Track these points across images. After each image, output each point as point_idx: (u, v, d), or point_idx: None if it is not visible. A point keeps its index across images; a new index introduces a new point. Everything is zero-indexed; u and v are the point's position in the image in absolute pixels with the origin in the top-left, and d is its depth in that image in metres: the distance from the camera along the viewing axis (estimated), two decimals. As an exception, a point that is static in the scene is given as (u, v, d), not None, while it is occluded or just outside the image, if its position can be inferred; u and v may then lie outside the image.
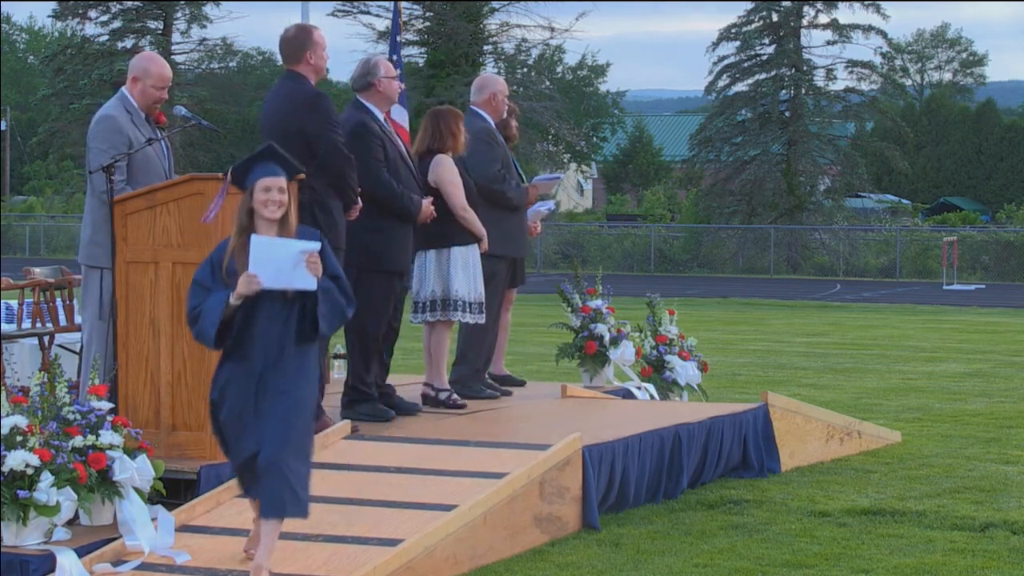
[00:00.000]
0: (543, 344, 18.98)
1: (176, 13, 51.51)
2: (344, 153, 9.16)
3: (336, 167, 9.12)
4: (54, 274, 11.10)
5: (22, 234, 52.95)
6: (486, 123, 11.00)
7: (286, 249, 6.79)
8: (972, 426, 13.12)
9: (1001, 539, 8.65)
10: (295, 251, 6.78)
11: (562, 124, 48.71)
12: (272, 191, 6.88)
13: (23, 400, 7.61)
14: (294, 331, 6.91)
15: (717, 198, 48.34)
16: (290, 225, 6.94)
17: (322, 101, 9.17)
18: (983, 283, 40.24)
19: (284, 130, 9.09)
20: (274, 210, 6.88)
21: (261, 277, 6.78)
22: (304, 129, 9.06)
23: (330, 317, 6.92)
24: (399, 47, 14.12)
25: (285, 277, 6.79)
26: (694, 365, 12.36)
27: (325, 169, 9.09)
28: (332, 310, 6.91)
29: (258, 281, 6.79)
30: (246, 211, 6.93)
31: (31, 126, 67.20)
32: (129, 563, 7.36)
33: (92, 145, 8.71)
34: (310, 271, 6.79)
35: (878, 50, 49.80)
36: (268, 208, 6.88)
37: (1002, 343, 22.04)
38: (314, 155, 9.07)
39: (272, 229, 6.88)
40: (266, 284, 6.79)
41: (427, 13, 46.80)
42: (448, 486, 8.26)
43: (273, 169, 6.93)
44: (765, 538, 8.65)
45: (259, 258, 6.78)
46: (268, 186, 6.88)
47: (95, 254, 8.69)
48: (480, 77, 11.44)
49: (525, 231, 11.30)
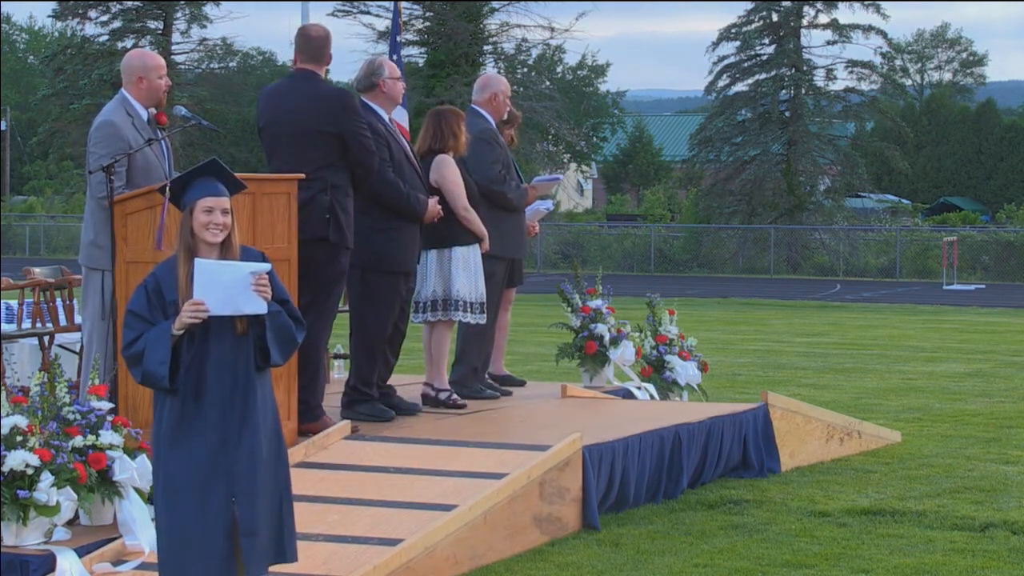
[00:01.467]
0: (543, 344, 18.97)
1: (176, 13, 51.51)
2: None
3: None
4: (54, 274, 11.10)
5: (22, 234, 52.94)
6: (487, 123, 11.00)
7: (233, 272, 6.11)
8: (972, 426, 13.12)
9: (1001, 539, 8.66)
10: (244, 273, 6.11)
11: (562, 124, 48.73)
12: (215, 212, 6.14)
13: (23, 400, 7.61)
14: (253, 360, 6.17)
15: (717, 198, 48.34)
16: (233, 248, 6.22)
17: (354, 100, 9.30)
18: (983, 283, 40.23)
19: (310, 130, 9.11)
20: (216, 233, 6.15)
21: (208, 303, 6.08)
22: (340, 129, 9.10)
23: (281, 344, 6.18)
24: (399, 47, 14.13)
25: (233, 303, 6.11)
26: (694, 365, 12.36)
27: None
28: (282, 336, 6.18)
29: (205, 308, 6.05)
30: (189, 232, 6.17)
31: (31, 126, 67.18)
32: (129, 563, 7.36)
33: (92, 150, 8.69)
34: (260, 294, 6.10)
35: (878, 50, 49.84)
36: (210, 231, 6.14)
37: (1002, 343, 22.04)
38: (342, 154, 9.13)
39: (213, 253, 6.16)
40: (214, 311, 6.09)
41: (427, 13, 46.81)
42: (448, 486, 8.26)
43: (216, 188, 6.20)
44: (765, 538, 8.66)
45: (205, 284, 6.09)
46: (210, 207, 6.15)
47: (96, 256, 8.68)
48: (483, 76, 11.44)
49: (524, 231, 11.30)
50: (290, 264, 8.83)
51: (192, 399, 6.11)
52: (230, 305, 6.11)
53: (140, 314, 6.15)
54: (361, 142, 9.20)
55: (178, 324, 6.06)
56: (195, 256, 6.14)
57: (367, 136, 9.25)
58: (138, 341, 6.10)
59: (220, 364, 6.12)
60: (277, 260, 8.70)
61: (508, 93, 11.17)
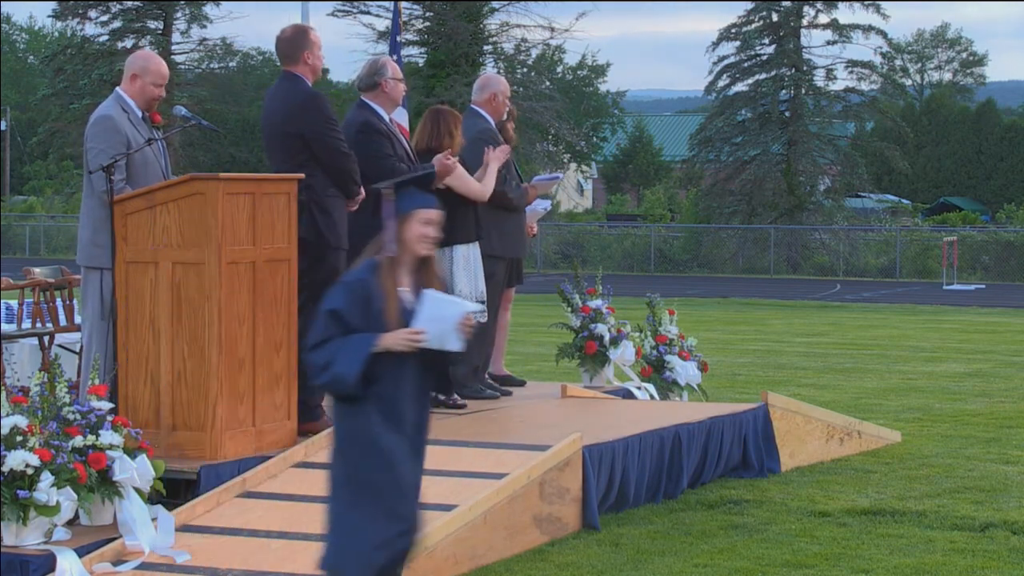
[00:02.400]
0: (543, 344, 18.97)
1: (176, 13, 51.49)
2: (343, 150, 9.20)
3: (337, 165, 9.17)
4: (54, 274, 11.09)
5: (22, 234, 52.94)
6: (486, 123, 11.00)
7: (456, 309, 5.97)
8: (972, 426, 13.12)
9: (1001, 539, 8.66)
10: (463, 312, 5.96)
11: (562, 124, 48.69)
12: (432, 226, 5.97)
13: (23, 400, 7.61)
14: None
15: (717, 198, 48.32)
16: (433, 263, 6.08)
17: (318, 101, 9.21)
18: (983, 283, 40.22)
19: (283, 132, 9.14)
20: (429, 247, 5.99)
21: (428, 336, 5.90)
22: (302, 130, 9.09)
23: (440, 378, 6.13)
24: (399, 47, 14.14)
25: (444, 338, 5.94)
26: (694, 365, 12.36)
27: (327, 169, 9.13)
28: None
29: (424, 340, 5.87)
30: (397, 239, 5.94)
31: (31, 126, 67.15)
32: (129, 563, 7.36)
33: (90, 145, 8.71)
34: (464, 334, 5.96)
35: (878, 50, 49.81)
36: (423, 244, 5.95)
37: (1002, 343, 22.04)
38: (313, 156, 9.10)
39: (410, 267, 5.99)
40: (429, 343, 5.92)
41: (427, 13, 46.79)
42: (448, 486, 8.26)
43: (433, 200, 6.06)
44: (765, 538, 8.66)
45: (430, 315, 5.92)
46: (430, 219, 5.97)
47: (95, 255, 8.69)
48: (482, 76, 11.45)
49: (524, 231, 11.31)
50: (290, 264, 8.83)
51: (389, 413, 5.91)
52: (441, 340, 5.95)
53: (342, 316, 5.87)
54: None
55: (388, 343, 5.85)
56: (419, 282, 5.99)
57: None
58: (331, 343, 5.86)
59: (414, 386, 5.97)
60: (277, 260, 8.74)
61: (508, 93, 11.18)
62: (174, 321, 8.44)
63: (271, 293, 8.70)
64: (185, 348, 8.43)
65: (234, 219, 8.45)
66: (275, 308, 8.73)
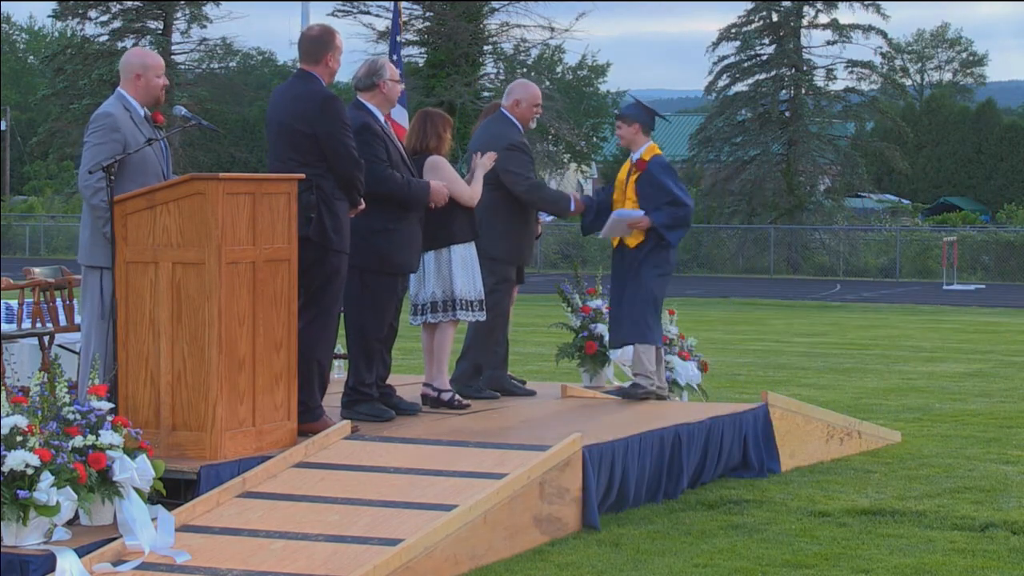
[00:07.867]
0: (543, 344, 18.98)
1: (176, 13, 51.55)
2: (354, 156, 9.19)
3: (346, 170, 9.15)
4: (54, 274, 11.09)
5: (22, 234, 52.97)
6: (513, 128, 11.01)
7: None
8: (972, 426, 13.12)
9: (1001, 539, 8.65)
10: None
11: (562, 124, 48.71)
12: None
13: (23, 400, 7.61)
14: None
15: (717, 198, 48.37)
16: None
17: (335, 103, 9.21)
18: (983, 283, 40.25)
19: (293, 129, 9.12)
20: None
21: None
22: (316, 131, 9.08)
23: None
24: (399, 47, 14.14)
25: None
26: (694, 365, 12.35)
27: (334, 172, 9.12)
28: None
29: None
30: None
31: (31, 126, 67.21)
32: (129, 563, 7.36)
33: (87, 140, 8.70)
34: None
35: (878, 50, 49.86)
36: None
37: (1002, 343, 22.04)
38: (323, 156, 9.09)
39: None
40: None
41: (427, 13, 46.84)
42: (448, 486, 8.26)
43: None
44: (765, 538, 8.65)
45: None
46: None
47: (95, 254, 8.69)
48: (514, 82, 11.44)
49: (533, 235, 11.39)
50: (290, 264, 8.83)
51: None
52: None
53: None
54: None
55: None
56: None
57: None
58: None
59: None
60: (277, 260, 8.74)
61: (533, 101, 11.10)
62: (174, 321, 8.44)
63: (271, 293, 8.70)
64: (185, 348, 8.43)
65: (234, 219, 8.45)
66: (275, 308, 8.72)
